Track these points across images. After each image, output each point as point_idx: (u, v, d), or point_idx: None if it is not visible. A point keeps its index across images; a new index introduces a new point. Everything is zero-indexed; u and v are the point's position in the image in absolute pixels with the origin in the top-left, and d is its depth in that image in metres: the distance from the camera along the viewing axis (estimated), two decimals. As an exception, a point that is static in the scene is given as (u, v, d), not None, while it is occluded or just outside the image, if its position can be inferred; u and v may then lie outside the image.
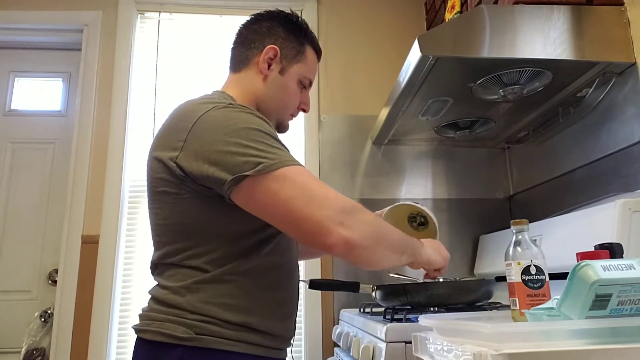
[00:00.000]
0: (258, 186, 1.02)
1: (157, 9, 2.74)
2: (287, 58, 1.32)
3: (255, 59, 1.31)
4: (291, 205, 1.01)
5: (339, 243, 1.00)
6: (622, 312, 0.79)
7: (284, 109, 1.36)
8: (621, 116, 1.64)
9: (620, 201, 1.38)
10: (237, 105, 1.14)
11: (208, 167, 1.03)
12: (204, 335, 1.04)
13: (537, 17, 1.62)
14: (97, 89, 2.58)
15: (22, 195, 2.65)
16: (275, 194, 1.01)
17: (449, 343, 0.89)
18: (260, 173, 1.01)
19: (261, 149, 1.03)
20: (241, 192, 1.02)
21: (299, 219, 1.01)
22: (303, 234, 1.03)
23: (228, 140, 1.04)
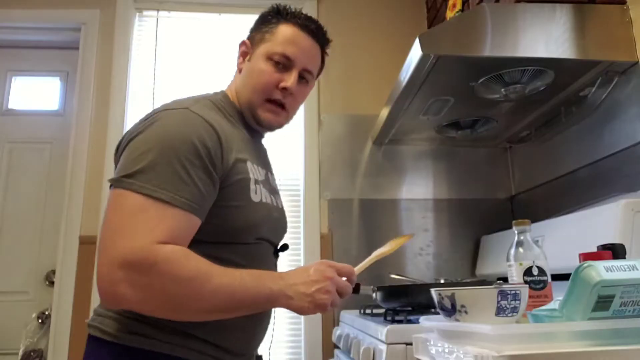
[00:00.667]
0: (109, 197, 1.00)
1: (156, 7, 2.73)
2: (255, 44, 1.28)
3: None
4: (102, 232, 0.96)
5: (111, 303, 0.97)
6: (624, 314, 0.79)
7: (252, 94, 1.25)
8: (624, 115, 1.63)
9: (623, 201, 1.38)
10: (196, 110, 1.10)
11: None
12: (136, 334, 1.03)
13: (539, 16, 1.62)
14: (95, 88, 2.58)
15: (20, 195, 2.65)
16: (106, 211, 0.99)
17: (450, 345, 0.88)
18: (114, 184, 0.99)
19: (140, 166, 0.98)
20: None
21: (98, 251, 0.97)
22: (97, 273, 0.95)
23: (135, 145, 1.03)
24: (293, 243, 2.49)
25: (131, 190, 0.96)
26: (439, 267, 2.45)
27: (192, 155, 1.02)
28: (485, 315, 0.87)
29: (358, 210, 2.49)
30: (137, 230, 0.93)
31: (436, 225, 2.51)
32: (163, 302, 0.94)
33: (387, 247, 1.37)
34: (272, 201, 1.24)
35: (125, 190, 0.97)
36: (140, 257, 0.91)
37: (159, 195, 0.96)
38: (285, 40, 1.25)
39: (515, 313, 0.88)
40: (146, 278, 0.91)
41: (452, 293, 0.91)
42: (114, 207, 0.97)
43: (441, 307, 0.95)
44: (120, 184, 0.98)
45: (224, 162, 1.08)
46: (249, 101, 1.25)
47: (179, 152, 1.01)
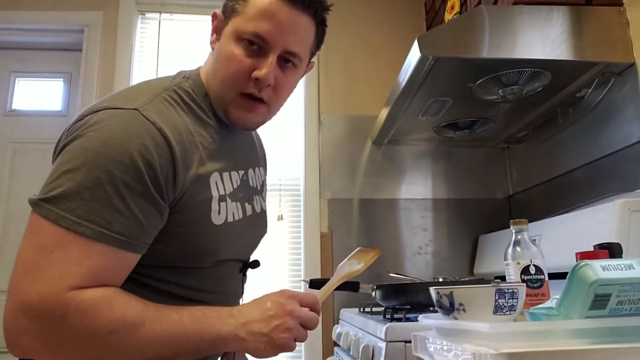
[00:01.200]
0: (28, 221, 0.82)
1: (158, 10, 2.74)
2: (227, 17, 1.02)
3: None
4: (15, 265, 0.80)
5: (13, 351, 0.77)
6: (621, 312, 0.79)
7: (222, 86, 1.00)
8: (620, 116, 1.64)
9: (619, 201, 1.38)
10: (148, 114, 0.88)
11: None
12: None
13: (537, 18, 1.63)
14: (98, 89, 2.58)
15: (23, 196, 2.61)
16: (23, 238, 0.81)
17: (449, 343, 0.89)
18: (34, 207, 0.81)
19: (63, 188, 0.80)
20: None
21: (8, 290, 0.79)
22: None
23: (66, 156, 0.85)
24: (293, 242, 2.51)
25: (49, 219, 0.78)
26: (437, 266, 2.46)
27: (132, 178, 0.82)
28: (483, 313, 0.88)
29: (358, 209, 2.50)
30: (50, 272, 0.77)
31: (435, 224, 2.52)
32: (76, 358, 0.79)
33: (356, 266, 1.21)
34: (243, 212, 1.06)
35: (42, 218, 0.79)
36: (47, 307, 0.75)
37: (82, 230, 0.78)
38: (259, 12, 0.96)
39: (513, 311, 0.88)
40: (54, 331, 0.76)
41: (450, 292, 0.92)
42: (29, 236, 0.80)
43: (440, 305, 0.96)
44: (38, 209, 0.79)
45: (177, 183, 0.89)
46: (219, 95, 1.01)
47: (114, 173, 0.81)
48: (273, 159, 2.55)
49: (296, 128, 2.63)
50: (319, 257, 2.43)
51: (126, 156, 0.82)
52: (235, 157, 1.09)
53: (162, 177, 0.86)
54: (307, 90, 2.63)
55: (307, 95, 2.64)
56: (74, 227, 0.78)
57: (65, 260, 0.77)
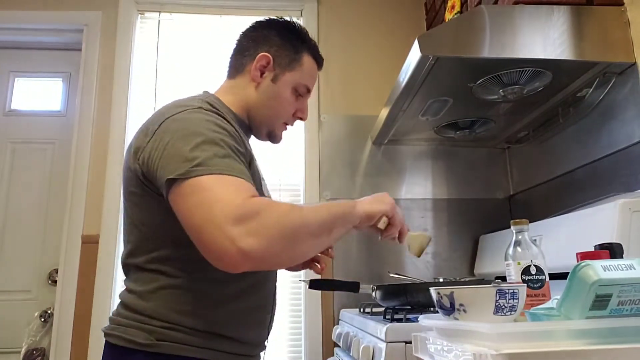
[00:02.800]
0: (179, 191, 0.97)
1: (157, 9, 2.74)
2: (281, 66, 1.29)
3: (249, 66, 1.30)
4: (192, 217, 0.95)
5: (241, 262, 0.91)
6: (622, 312, 0.79)
7: (275, 118, 1.33)
8: (621, 116, 1.64)
9: (620, 201, 1.38)
10: (210, 109, 1.12)
11: (156, 169, 1.02)
12: (165, 341, 1.03)
13: (537, 17, 1.63)
14: (97, 89, 2.58)
15: (22, 195, 2.66)
16: (184, 202, 0.97)
17: (449, 343, 0.89)
18: (184, 177, 0.96)
19: (195, 157, 0.98)
20: (171, 195, 0.99)
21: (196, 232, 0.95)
22: (206, 253, 0.94)
23: (178, 144, 1.01)
24: (293, 242, 2.50)
25: (208, 174, 0.96)
26: (438, 266, 2.46)
27: (232, 140, 1.06)
28: (483, 313, 0.88)
29: (358, 209, 2.49)
30: (229, 193, 0.94)
31: (435, 224, 2.52)
32: (283, 237, 0.96)
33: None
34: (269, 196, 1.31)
35: (200, 176, 0.96)
36: (246, 207, 0.92)
37: (231, 172, 0.98)
38: (310, 75, 1.35)
39: (513, 312, 0.88)
40: (260, 223, 0.92)
41: (450, 292, 0.92)
42: (198, 190, 0.95)
43: (440, 305, 0.96)
44: (194, 172, 0.96)
45: (246, 152, 1.12)
46: (269, 121, 1.32)
47: (223, 139, 1.04)
48: (273, 159, 2.58)
49: (296, 128, 2.62)
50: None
51: (221, 127, 1.06)
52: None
53: (239, 142, 1.10)
54: (307, 90, 2.62)
55: (307, 95, 2.63)
56: (226, 172, 0.98)
57: (233, 184, 0.97)
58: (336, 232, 1.08)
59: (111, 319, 1.11)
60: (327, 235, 1.06)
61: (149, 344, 1.02)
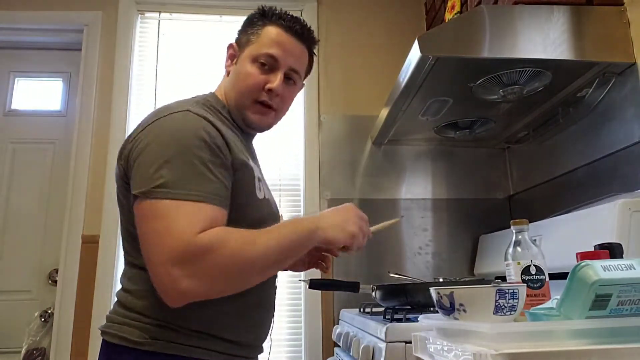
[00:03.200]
0: (140, 208, 1.00)
1: (157, 9, 2.74)
2: (242, 46, 1.29)
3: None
4: (145, 242, 0.98)
5: (178, 301, 0.96)
6: (622, 312, 0.80)
7: (240, 96, 1.26)
8: (621, 116, 1.64)
9: (620, 201, 1.38)
10: (198, 112, 1.10)
11: (131, 176, 1.05)
12: (159, 340, 1.04)
13: (537, 17, 1.63)
14: (98, 89, 2.58)
15: (23, 195, 2.66)
16: (142, 223, 1.00)
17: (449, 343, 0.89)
18: (145, 197, 0.98)
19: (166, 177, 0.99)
20: (134, 209, 1.01)
21: (147, 262, 0.98)
22: (152, 282, 0.97)
23: (150, 155, 1.02)
24: (293, 242, 2.50)
25: (167, 198, 0.97)
26: (437, 266, 2.46)
27: (210, 154, 1.04)
28: (483, 313, 0.88)
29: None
30: (179, 227, 0.94)
31: (435, 224, 2.51)
32: (225, 280, 0.98)
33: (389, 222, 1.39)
34: (271, 197, 1.30)
35: (159, 200, 0.97)
36: (191, 248, 0.93)
37: (193, 198, 0.98)
38: (270, 41, 1.25)
39: (513, 312, 0.88)
40: (203, 265, 0.94)
41: (450, 292, 0.92)
42: (153, 215, 0.97)
43: (440, 305, 0.96)
44: (154, 194, 0.98)
45: (233, 160, 1.11)
46: (237, 103, 1.26)
47: (199, 154, 1.02)
48: (273, 159, 2.59)
49: (296, 128, 2.63)
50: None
51: (199, 140, 1.04)
52: (253, 156, 1.32)
53: (224, 151, 1.08)
54: (307, 90, 2.62)
55: (307, 95, 2.64)
56: (186, 197, 0.98)
57: (187, 216, 0.96)
58: (291, 259, 1.10)
59: (107, 317, 1.11)
60: (280, 263, 1.08)
61: (143, 342, 1.03)
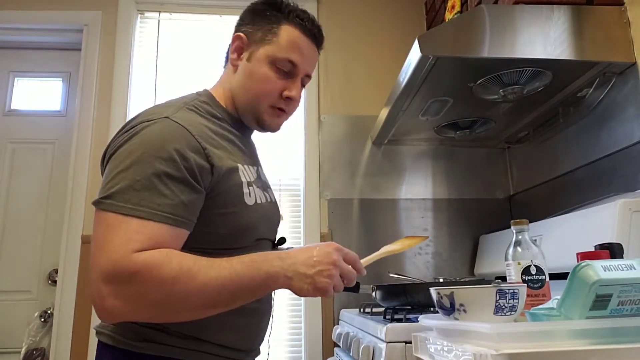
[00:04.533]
0: (95, 215, 0.97)
1: (157, 9, 2.74)
2: (255, 41, 1.21)
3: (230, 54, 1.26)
4: (91, 251, 0.95)
5: (106, 317, 0.92)
6: (622, 312, 0.79)
7: (255, 100, 1.20)
8: (621, 116, 1.64)
9: (620, 201, 1.38)
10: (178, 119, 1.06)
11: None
12: (152, 342, 1.03)
13: (537, 17, 1.62)
14: (97, 89, 2.58)
15: (22, 195, 2.65)
16: (93, 230, 0.96)
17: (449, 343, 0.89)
18: (96, 206, 0.97)
19: (116, 187, 0.96)
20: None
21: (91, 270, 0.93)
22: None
23: (113, 162, 1.00)
24: (293, 243, 2.50)
25: (111, 211, 0.93)
26: (438, 266, 2.46)
27: (172, 168, 0.98)
28: (483, 313, 0.88)
29: (358, 210, 2.50)
30: (116, 243, 0.91)
31: (435, 224, 2.51)
32: (152, 307, 0.92)
33: (398, 246, 1.32)
34: (266, 199, 1.22)
35: (105, 211, 0.94)
36: (119, 269, 0.89)
37: (138, 214, 0.93)
38: (290, 45, 1.19)
39: (513, 312, 0.88)
40: (129, 288, 0.89)
41: (451, 292, 0.92)
42: (97, 227, 0.95)
43: (440, 305, 0.96)
44: (101, 205, 0.95)
45: (213, 169, 1.05)
46: (251, 105, 1.21)
47: (158, 167, 0.97)
48: (273, 159, 2.59)
49: (296, 128, 2.62)
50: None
51: (165, 152, 0.99)
52: (249, 154, 1.26)
53: (195, 166, 1.01)
54: (307, 91, 2.62)
55: (307, 95, 2.64)
56: (131, 212, 0.93)
57: (127, 233, 0.92)
58: (242, 301, 1.00)
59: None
60: (226, 304, 0.98)
61: (135, 344, 1.03)
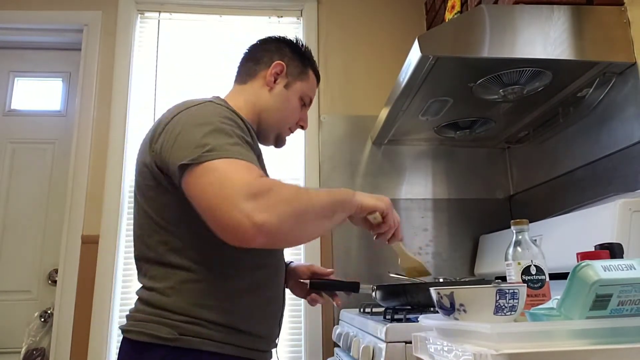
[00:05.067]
0: (192, 175, 1.02)
1: (157, 9, 2.75)
2: (293, 75, 1.41)
3: (263, 72, 1.39)
4: (205, 196, 0.99)
5: (254, 233, 0.95)
6: (622, 312, 0.79)
7: (284, 121, 1.42)
8: (621, 116, 1.64)
9: (620, 201, 1.38)
10: (221, 103, 1.18)
11: (169, 158, 1.07)
12: (188, 336, 1.06)
13: (537, 17, 1.62)
14: (97, 89, 2.59)
15: (22, 195, 2.66)
16: (197, 184, 1.01)
17: (449, 343, 0.88)
18: (196, 162, 1.01)
19: (204, 144, 1.03)
20: (184, 180, 1.03)
21: (211, 211, 0.99)
22: (219, 228, 0.98)
23: (189, 133, 1.07)
24: (293, 242, 2.50)
25: (219, 158, 1.01)
26: (438, 266, 2.45)
27: (240, 132, 1.11)
28: (483, 314, 0.88)
29: (358, 210, 2.49)
30: (241, 173, 0.99)
31: (435, 224, 2.51)
32: (293, 215, 1.00)
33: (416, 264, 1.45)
34: None
35: (212, 161, 1.00)
36: (257, 186, 0.97)
37: (240, 157, 1.03)
38: (312, 87, 1.48)
39: (513, 312, 0.88)
40: (272, 198, 0.97)
41: (451, 292, 0.92)
42: (211, 171, 1.00)
43: (440, 305, 0.96)
44: (205, 157, 1.01)
45: (254, 146, 1.18)
46: (278, 125, 1.41)
47: (233, 130, 1.09)
48: (273, 158, 2.57)
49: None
50: (319, 257, 2.43)
51: (229, 119, 1.12)
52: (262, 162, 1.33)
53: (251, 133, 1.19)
54: (307, 90, 2.62)
55: (307, 95, 2.63)
56: (237, 156, 1.02)
57: (244, 167, 1.01)
58: (336, 217, 1.14)
59: (130, 316, 1.13)
60: (329, 218, 1.12)
61: (172, 338, 1.05)
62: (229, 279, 1.14)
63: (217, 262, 1.13)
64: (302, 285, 1.53)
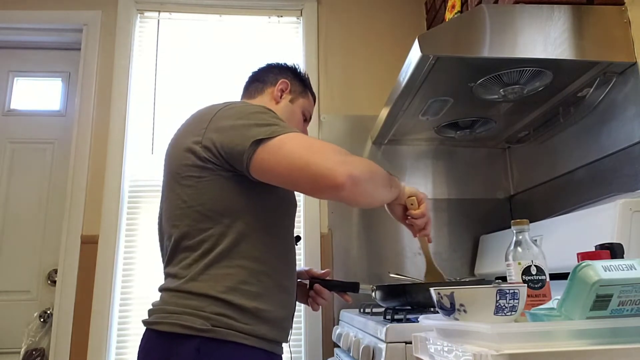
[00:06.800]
0: (268, 149, 1.13)
1: (157, 9, 2.74)
2: (296, 92, 1.56)
3: (270, 89, 1.54)
4: (293, 157, 1.11)
5: (345, 180, 1.07)
6: (623, 313, 0.79)
7: None
8: (622, 116, 1.64)
9: (620, 201, 1.38)
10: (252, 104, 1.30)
11: (229, 143, 1.16)
12: (220, 327, 1.11)
13: (538, 17, 1.62)
14: (97, 88, 2.58)
15: (22, 195, 2.65)
16: (279, 153, 1.12)
17: (449, 343, 0.88)
18: (270, 137, 1.13)
19: (272, 123, 1.17)
20: (256, 158, 1.13)
21: (304, 166, 1.10)
22: (312, 180, 1.09)
23: (243, 121, 1.19)
24: (293, 243, 2.50)
25: (290, 132, 1.16)
26: (438, 266, 2.45)
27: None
28: (483, 314, 0.88)
29: (358, 210, 2.49)
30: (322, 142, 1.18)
31: (435, 224, 2.51)
32: (370, 174, 1.17)
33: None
34: None
35: (286, 134, 1.15)
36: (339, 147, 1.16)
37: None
38: (311, 105, 1.62)
39: (514, 312, 0.88)
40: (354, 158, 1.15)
41: (451, 292, 0.92)
42: (290, 141, 1.14)
43: (440, 306, 0.96)
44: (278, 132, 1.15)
45: None
46: None
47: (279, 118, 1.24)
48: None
49: (296, 128, 2.62)
50: (319, 257, 2.43)
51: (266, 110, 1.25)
52: None
53: None
54: (307, 90, 2.62)
55: (307, 95, 2.63)
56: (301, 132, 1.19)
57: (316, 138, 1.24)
58: (392, 191, 1.34)
59: (158, 309, 1.17)
60: (389, 189, 1.31)
61: (205, 329, 1.10)
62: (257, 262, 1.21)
63: (251, 245, 1.20)
64: (302, 289, 1.59)
